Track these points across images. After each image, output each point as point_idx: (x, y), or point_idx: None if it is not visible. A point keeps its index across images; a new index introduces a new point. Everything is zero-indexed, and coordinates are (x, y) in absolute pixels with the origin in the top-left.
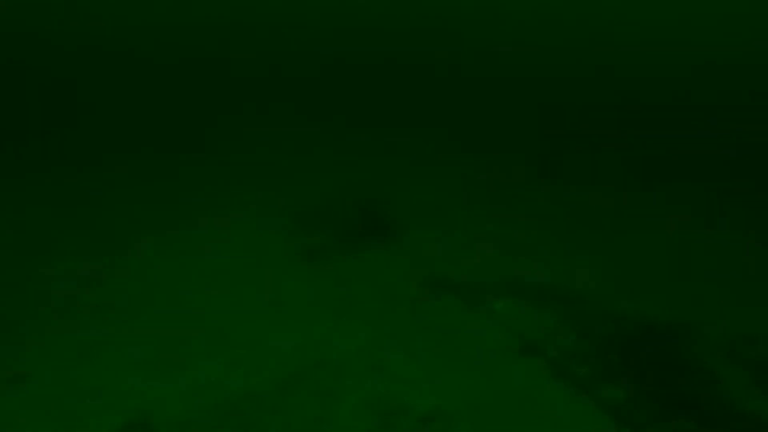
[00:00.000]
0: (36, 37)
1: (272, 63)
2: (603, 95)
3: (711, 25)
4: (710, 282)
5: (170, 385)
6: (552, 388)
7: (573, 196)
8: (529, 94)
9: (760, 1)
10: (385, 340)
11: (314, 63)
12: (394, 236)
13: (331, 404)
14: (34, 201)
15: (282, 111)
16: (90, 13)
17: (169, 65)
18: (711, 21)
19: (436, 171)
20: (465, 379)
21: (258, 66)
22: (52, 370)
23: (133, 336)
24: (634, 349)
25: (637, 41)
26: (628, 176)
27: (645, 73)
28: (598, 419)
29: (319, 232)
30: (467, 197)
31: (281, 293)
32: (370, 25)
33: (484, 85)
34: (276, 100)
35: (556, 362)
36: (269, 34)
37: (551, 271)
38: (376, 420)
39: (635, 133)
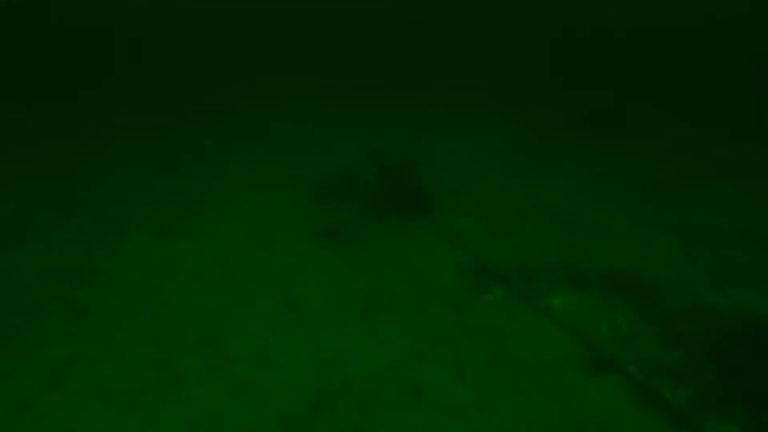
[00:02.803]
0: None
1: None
2: (657, 42)
3: None
4: None
5: (153, 423)
6: (640, 421)
7: (635, 154)
8: (573, 41)
9: None
10: (424, 350)
11: (332, 19)
12: (427, 210)
13: None
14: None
15: (293, 67)
16: None
17: (174, 35)
18: None
19: (473, 131)
20: (525, 406)
21: (266, 25)
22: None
23: (109, 354)
24: (738, 358)
25: None
26: (698, 128)
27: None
28: None
29: (340, 207)
30: (511, 160)
31: (296, 289)
32: None
33: (519, 32)
34: (286, 55)
35: (640, 381)
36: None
37: (618, 252)
38: None
39: (700, 82)
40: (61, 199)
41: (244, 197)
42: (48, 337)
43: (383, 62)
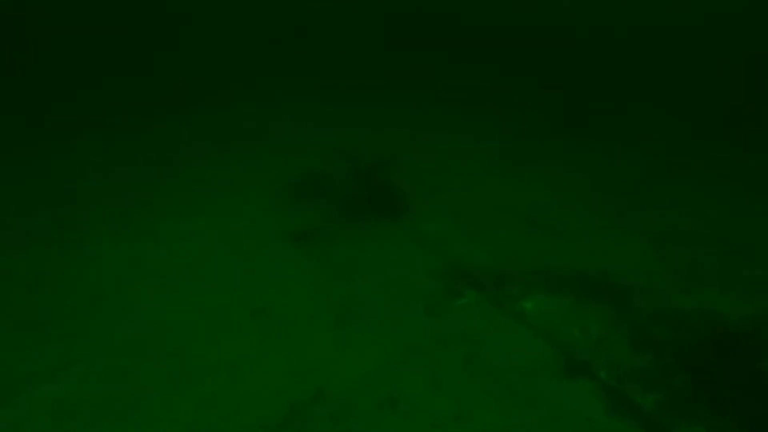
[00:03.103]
0: None
1: (256, 12)
2: (630, 41)
3: None
4: None
5: None
6: (612, 426)
7: (608, 155)
8: (542, 40)
9: None
10: (398, 359)
11: (305, 9)
12: (401, 212)
13: None
14: None
15: (264, 62)
16: None
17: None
18: None
19: (446, 130)
20: (500, 414)
21: (238, 12)
22: None
23: (67, 366)
24: (708, 361)
25: None
26: (671, 127)
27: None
28: None
29: (311, 210)
30: (485, 161)
31: (267, 295)
32: None
33: (489, 34)
34: (257, 50)
35: (612, 387)
36: None
37: (590, 255)
38: None
39: (672, 78)
40: (6, 202)
41: (212, 198)
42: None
43: (363, 62)
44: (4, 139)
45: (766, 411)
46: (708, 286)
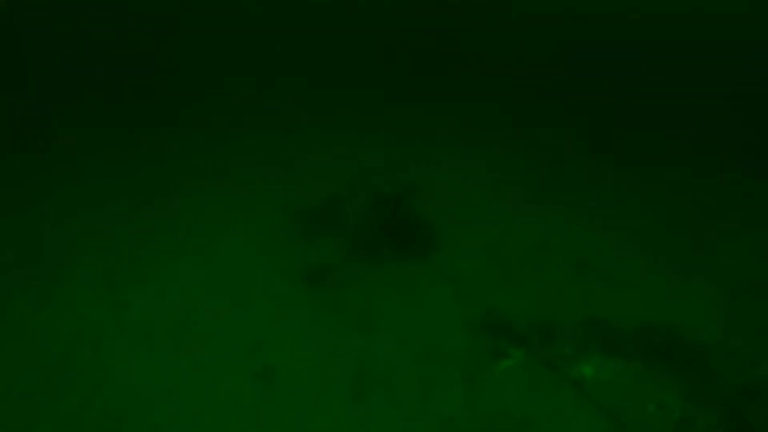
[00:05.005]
0: None
1: (272, 26)
2: (670, 57)
3: None
4: None
5: None
6: None
7: (656, 185)
8: (573, 60)
9: None
10: None
11: (324, 26)
12: (425, 246)
13: None
14: None
15: (278, 78)
16: None
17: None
18: None
19: (472, 153)
20: None
21: (252, 26)
22: None
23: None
24: None
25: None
26: (722, 151)
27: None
28: None
29: (326, 240)
30: (516, 188)
31: (271, 354)
32: None
33: (516, 56)
34: (271, 65)
35: None
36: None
37: (651, 305)
38: None
39: (707, 103)
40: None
41: (216, 227)
42: None
43: (386, 71)
44: None
45: None
46: None
